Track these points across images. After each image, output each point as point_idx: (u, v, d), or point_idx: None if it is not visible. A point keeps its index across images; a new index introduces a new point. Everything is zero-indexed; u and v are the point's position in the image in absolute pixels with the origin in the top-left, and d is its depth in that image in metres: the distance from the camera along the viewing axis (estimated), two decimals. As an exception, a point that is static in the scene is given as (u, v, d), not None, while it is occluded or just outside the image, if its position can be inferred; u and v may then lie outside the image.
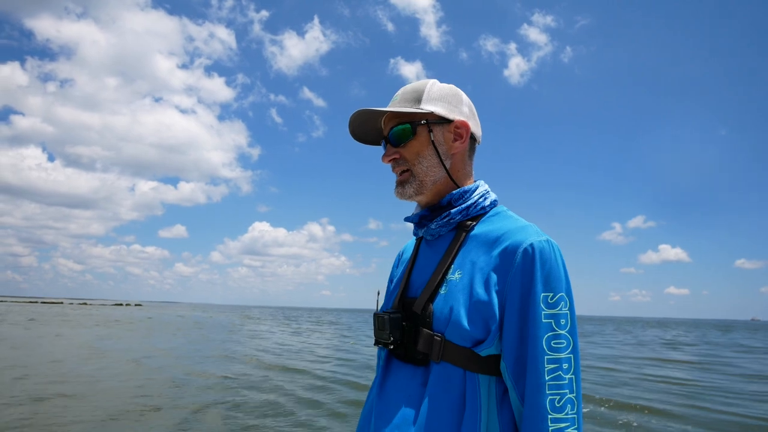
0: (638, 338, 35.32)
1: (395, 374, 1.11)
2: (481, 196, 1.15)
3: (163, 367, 12.30)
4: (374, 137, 1.25)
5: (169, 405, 7.93)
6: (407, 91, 1.16)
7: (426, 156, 1.13)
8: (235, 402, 8.35)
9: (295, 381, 10.74)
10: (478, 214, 1.14)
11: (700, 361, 18.63)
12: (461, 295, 1.03)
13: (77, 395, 8.41)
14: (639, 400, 9.54)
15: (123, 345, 18.14)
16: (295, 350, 18.24)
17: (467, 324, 1.00)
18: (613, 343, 28.33)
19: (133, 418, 7.04)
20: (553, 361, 0.95)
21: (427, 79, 1.18)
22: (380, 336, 1.10)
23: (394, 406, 1.05)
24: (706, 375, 14.22)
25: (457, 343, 1.02)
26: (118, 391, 8.97)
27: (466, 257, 1.08)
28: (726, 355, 22.56)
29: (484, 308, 1.00)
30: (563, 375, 0.95)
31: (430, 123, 1.13)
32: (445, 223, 1.14)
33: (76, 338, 20.32)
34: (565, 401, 0.95)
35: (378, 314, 1.11)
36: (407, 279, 1.18)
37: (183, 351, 16.61)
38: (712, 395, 10.57)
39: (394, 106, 1.15)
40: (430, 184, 1.14)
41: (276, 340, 22.75)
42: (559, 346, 0.96)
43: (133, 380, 10.15)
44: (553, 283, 0.99)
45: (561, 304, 0.98)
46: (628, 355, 20.32)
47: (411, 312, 1.09)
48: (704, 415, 8.50)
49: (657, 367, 16.05)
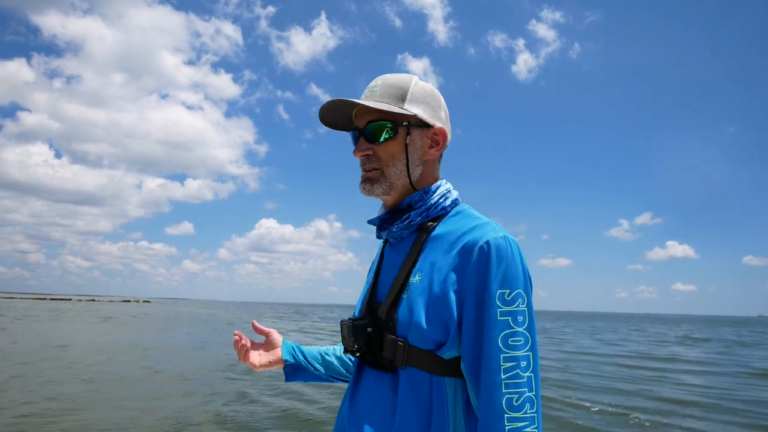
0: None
1: (366, 381, 1.10)
2: (441, 197, 1.13)
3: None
4: (343, 123, 1.19)
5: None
6: (389, 85, 1.11)
7: (400, 159, 1.11)
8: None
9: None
10: (439, 215, 1.12)
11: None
12: (421, 298, 1.02)
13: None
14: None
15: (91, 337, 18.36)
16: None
17: (427, 326, 0.99)
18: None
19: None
20: (510, 359, 0.93)
21: (409, 75, 1.14)
22: (346, 344, 1.10)
23: (364, 413, 1.05)
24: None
25: (420, 347, 1.01)
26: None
27: (426, 259, 1.06)
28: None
29: (442, 309, 0.99)
30: (521, 373, 0.93)
31: (411, 126, 1.10)
32: (405, 226, 1.12)
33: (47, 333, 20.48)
34: (524, 400, 0.92)
35: (343, 322, 1.11)
36: (374, 284, 1.17)
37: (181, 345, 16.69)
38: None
39: (374, 98, 1.11)
40: (399, 186, 1.12)
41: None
42: (517, 343, 0.94)
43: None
44: (510, 280, 0.97)
45: (518, 301, 0.96)
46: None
47: (377, 317, 1.08)
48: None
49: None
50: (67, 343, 16.54)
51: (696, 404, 9.20)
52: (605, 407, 8.55)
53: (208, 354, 15.06)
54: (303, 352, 1.37)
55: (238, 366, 11.90)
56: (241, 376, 10.82)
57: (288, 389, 9.26)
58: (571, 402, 9.00)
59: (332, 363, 1.38)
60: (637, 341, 27.08)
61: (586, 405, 8.76)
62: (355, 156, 1.14)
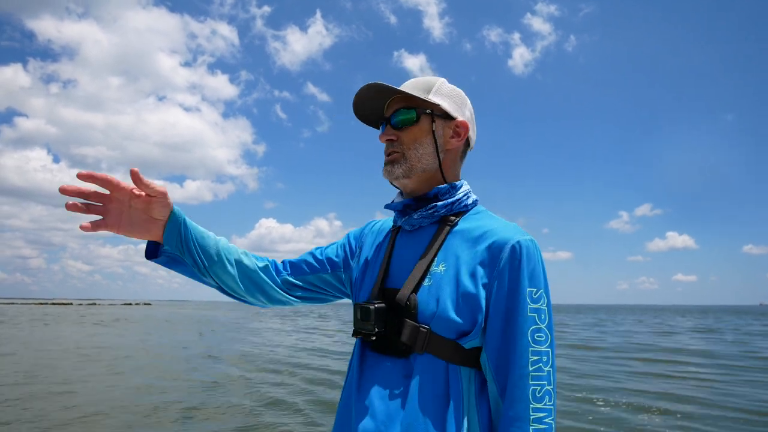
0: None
1: (373, 367, 1.09)
2: (465, 194, 1.18)
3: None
4: (374, 119, 1.25)
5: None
6: (418, 82, 1.18)
7: (423, 144, 1.14)
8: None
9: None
10: (461, 211, 1.16)
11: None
12: (447, 287, 1.04)
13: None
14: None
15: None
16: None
17: (455, 316, 1.01)
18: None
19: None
20: (536, 353, 0.99)
21: (438, 77, 1.20)
22: (363, 327, 1.06)
23: (375, 400, 1.04)
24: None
25: (442, 335, 1.02)
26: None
27: (450, 251, 1.09)
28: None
29: (471, 300, 1.02)
30: (543, 367, 0.99)
31: (435, 114, 1.15)
32: (428, 215, 1.14)
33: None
34: (545, 392, 0.98)
35: (361, 304, 1.07)
36: (386, 269, 1.16)
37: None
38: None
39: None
40: (419, 170, 1.14)
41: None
42: (540, 339, 1.00)
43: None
44: (536, 280, 1.03)
45: (542, 299, 1.02)
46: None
47: (393, 303, 1.07)
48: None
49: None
50: (15, 350, 15.40)
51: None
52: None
53: (172, 359, 13.94)
54: (193, 233, 1.16)
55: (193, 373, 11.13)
56: (206, 386, 9.72)
57: (267, 401, 8.96)
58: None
59: (224, 263, 1.19)
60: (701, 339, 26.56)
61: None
62: (380, 141, 1.19)
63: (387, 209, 1.22)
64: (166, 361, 13.36)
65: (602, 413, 7.60)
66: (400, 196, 1.21)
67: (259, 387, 9.47)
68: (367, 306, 1.06)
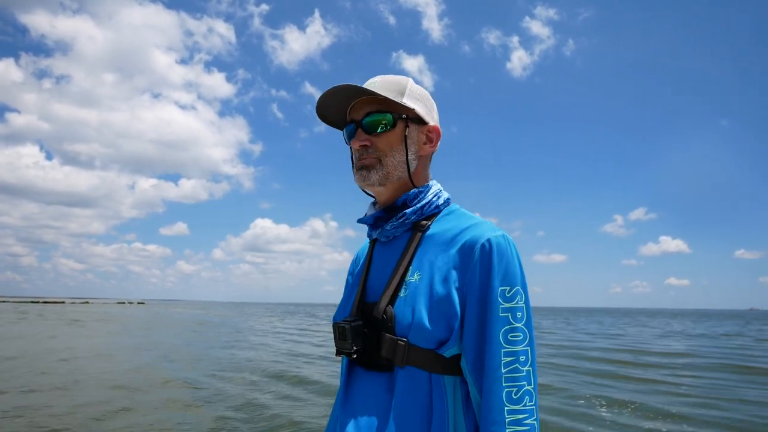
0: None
1: (359, 383, 1.08)
2: (434, 195, 1.15)
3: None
4: (335, 117, 1.19)
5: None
6: (388, 82, 1.13)
7: (398, 151, 1.12)
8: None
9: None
10: (432, 213, 1.14)
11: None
12: (422, 296, 1.02)
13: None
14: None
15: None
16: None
17: (430, 325, 0.99)
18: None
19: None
20: (510, 354, 0.96)
21: (404, 76, 1.16)
22: (342, 346, 1.06)
23: (359, 415, 1.03)
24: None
25: (421, 346, 1.00)
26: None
27: (424, 257, 1.07)
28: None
29: (445, 307, 1.00)
30: (520, 367, 0.96)
31: (409, 119, 1.12)
32: (400, 224, 1.12)
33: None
34: (523, 393, 0.96)
35: (337, 323, 1.07)
36: (364, 284, 1.15)
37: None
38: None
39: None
40: (395, 178, 1.12)
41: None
42: (516, 339, 0.97)
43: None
44: (510, 277, 1.00)
45: (517, 297, 0.99)
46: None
47: (371, 317, 1.06)
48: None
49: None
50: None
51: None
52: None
53: (141, 360, 12.93)
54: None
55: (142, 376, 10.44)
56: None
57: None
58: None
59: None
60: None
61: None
62: (352, 146, 1.13)
63: (359, 224, 1.20)
64: (111, 363, 12.29)
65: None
66: (373, 207, 1.19)
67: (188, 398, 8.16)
68: (342, 325, 1.05)
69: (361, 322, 1.06)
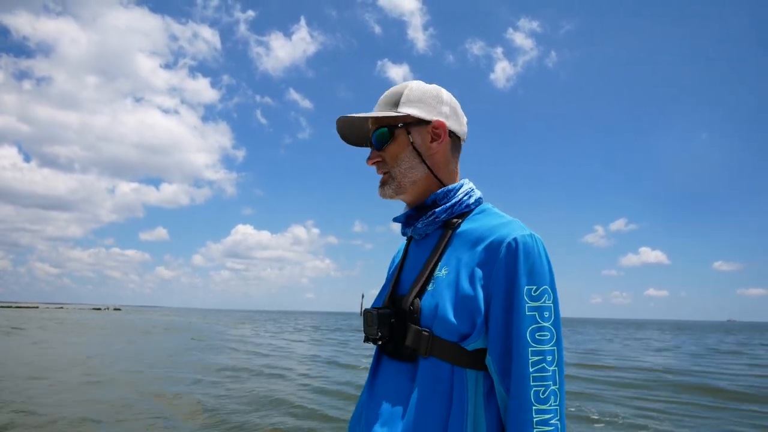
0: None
1: (385, 371, 1.12)
2: (465, 194, 1.17)
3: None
4: (364, 139, 1.26)
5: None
6: (388, 95, 1.18)
7: (404, 158, 1.15)
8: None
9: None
10: (464, 212, 1.16)
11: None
12: (447, 291, 1.04)
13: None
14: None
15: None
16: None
17: (453, 318, 1.01)
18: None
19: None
20: (537, 353, 0.97)
21: (409, 81, 1.19)
22: (369, 332, 1.11)
23: (383, 403, 1.06)
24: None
25: (444, 338, 1.02)
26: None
27: (453, 254, 1.09)
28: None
29: (469, 303, 1.01)
30: (547, 367, 0.96)
31: (408, 125, 1.15)
32: (431, 222, 1.15)
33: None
34: (549, 393, 0.96)
35: (367, 310, 1.12)
36: (397, 277, 1.20)
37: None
38: None
39: (375, 111, 1.18)
40: (408, 184, 1.16)
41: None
42: (543, 338, 0.97)
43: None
44: (537, 277, 1.00)
45: (545, 296, 0.99)
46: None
47: (400, 308, 1.10)
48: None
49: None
50: None
51: None
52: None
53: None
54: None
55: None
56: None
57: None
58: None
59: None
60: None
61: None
62: (367, 164, 1.21)
63: (394, 222, 1.24)
64: (34, 369, 11.38)
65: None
66: (407, 207, 1.23)
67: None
68: (371, 311, 1.10)
69: (389, 311, 1.10)
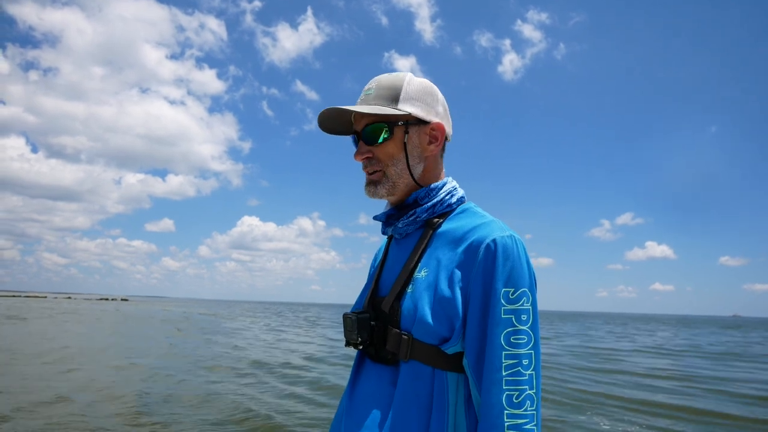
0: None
1: (366, 375, 1.11)
2: (447, 194, 1.14)
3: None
4: (343, 128, 1.20)
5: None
6: (383, 86, 1.12)
7: (400, 158, 1.12)
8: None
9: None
10: (445, 212, 1.13)
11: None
12: (426, 293, 1.03)
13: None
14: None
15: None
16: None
17: (432, 321, 1.00)
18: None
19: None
20: (512, 357, 0.95)
21: (403, 73, 1.15)
22: (349, 337, 1.09)
23: (363, 407, 1.05)
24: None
25: (424, 341, 1.01)
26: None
27: (433, 255, 1.07)
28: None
29: (447, 305, 1.00)
30: (523, 371, 0.94)
31: (408, 124, 1.11)
32: (411, 222, 1.13)
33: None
34: (525, 397, 0.94)
35: (346, 315, 1.11)
36: (377, 278, 1.18)
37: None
38: None
39: (369, 102, 1.12)
40: (402, 185, 1.13)
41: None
42: (519, 341, 0.95)
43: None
44: (515, 279, 0.98)
45: (523, 299, 0.97)
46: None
47: (380, 311, 1.09)
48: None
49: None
50: None
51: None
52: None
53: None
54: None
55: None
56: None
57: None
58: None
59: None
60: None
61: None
62: (355, 159, 1.15)
63: (375, 220, 1.21)
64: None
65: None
66: (388, 205, 1.20)
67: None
68: (350, 316, 1.09)
69: (368, 315, 1.09)
